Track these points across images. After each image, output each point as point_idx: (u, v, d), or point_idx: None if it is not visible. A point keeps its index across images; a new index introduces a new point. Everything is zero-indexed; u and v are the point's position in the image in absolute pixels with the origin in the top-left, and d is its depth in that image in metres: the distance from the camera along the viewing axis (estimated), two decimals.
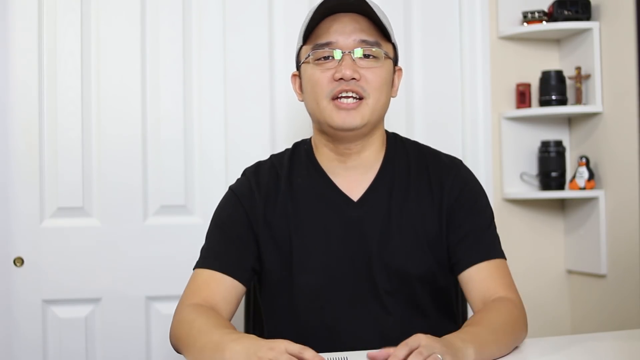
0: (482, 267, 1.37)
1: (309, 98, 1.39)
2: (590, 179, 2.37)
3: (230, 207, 1.44)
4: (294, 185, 1.42)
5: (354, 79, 1.32)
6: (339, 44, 1.34)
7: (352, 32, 1.34)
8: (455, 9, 2.42)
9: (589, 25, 2.36)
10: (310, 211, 1.40)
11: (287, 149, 1.51)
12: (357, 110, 1.34)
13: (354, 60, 1.33)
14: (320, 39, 1.35)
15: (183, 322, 1.29)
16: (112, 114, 2.19)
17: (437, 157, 1.48)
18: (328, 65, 1.34)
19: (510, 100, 2.49)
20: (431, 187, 1.42)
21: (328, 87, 1.34)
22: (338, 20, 1.34)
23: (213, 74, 2.25)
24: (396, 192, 1.40)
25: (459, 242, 1.39)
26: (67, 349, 2.15)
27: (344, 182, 1.42)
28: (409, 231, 1.38)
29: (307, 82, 1.38)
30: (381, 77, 1.35)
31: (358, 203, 1.40)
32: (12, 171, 2.14)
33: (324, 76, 1.34)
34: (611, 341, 1.43)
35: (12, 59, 2.14)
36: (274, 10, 2.30)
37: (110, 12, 2.20)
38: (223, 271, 1.36)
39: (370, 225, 1.38)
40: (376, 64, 1.35)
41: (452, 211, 1.40)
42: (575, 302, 2.52)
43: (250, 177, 1.45)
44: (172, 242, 2.21)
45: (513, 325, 1.28)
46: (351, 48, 1.34)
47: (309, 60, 1.36)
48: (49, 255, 2.15)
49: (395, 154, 1.45)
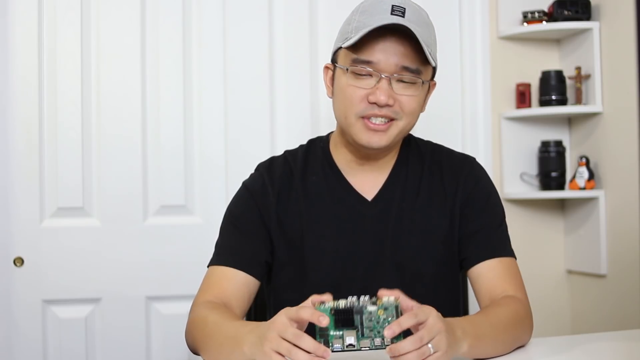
0: (493, 264, 1.37)
1: (339, 106, 1.36)
2: (590, 179, 2.37)
3: (243, 204, 1.43)
4: (308, 183, 1.42)
5: (388, 105, 1.30)
6: (380, 65, 1.29)
7: (395, 54, 1.29)
8: (455, 9, 2.42)
9: (589, 25, 2.36)
10: (323, 210, 1.40)
11: (301, 145, 1.50)
12: (386, 132, 1.32)
13: (391, 85, 1.30)
14: (362, 54, 1.30)
15: (196, 322, 1.28)
16: (112, 114, 2.19)
17: (450, 155, 1.48)
18: (364, 83, 1.31)
19: (510, 100, 2.49)
20: (444, 185, 1.42)
21: (360, 105, 1.31)
22: (384, 39, 1.29)
23: (213, 73, 2.25)
24: (409, 192, 1.41)
25: (470, 238, 1.39)
26: (67, 349, 2.15)
27: (358, 181, 1.42)
28: (422, 231, 1.39)
29: (339, 89, 1.35)
30: (416, 104, 1.34)
31: (372, 202, 1.40)
32: (12, 171, 2.13)
33: (357, 94, 1.31)
34: (611, 341, 1.43)
35: (12, 58, 2.14)
36: (274, 11, 2.30)
37: (110, 12, 2.19)
38: (236, 267, 1.35)
39: (383, 224, 1.39)
40: (412, 91, 1.32)
41: (464, 208, 1.41)
42: (575, 302, 2.52)
43: (264, 173, 1.44)
44: (172, 242, 2.21)
45: (515, 325, 1.28)
46: (391, 72, 1.29)
47: (348, 71, 1.32)
48: (49, 255, 2.14)
49: (409, 154, 1.45)
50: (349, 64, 1.32)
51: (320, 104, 2.29)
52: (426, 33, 1.32)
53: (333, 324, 1.05)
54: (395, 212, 1.39)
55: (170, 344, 2.20)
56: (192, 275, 2.06)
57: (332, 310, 1.05)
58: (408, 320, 1.02)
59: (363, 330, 1.05)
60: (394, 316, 1.04)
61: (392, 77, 1.30)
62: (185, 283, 2.17)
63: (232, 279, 1.35)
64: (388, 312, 1.05)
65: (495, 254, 1.37)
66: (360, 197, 1.41)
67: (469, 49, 2.42)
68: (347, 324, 1.05)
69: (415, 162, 1.44)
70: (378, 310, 1.05)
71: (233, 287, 1.35)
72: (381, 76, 1.29)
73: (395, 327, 1.01)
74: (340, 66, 1.34)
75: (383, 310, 1.05)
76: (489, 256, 1.37)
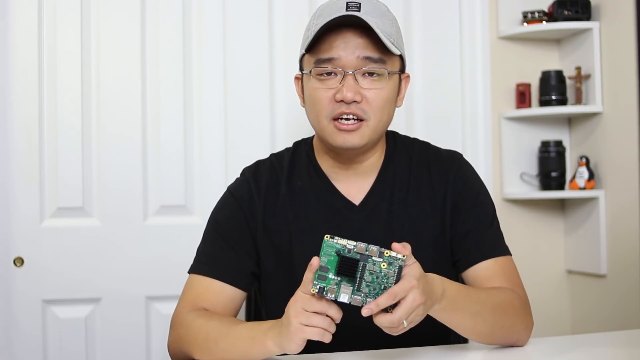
0: (488, 265, 1.35)
1: (310, 112, 1.36)
2: (590, 179, 2.37)
3: (228, 211, 1.41)
4: (295, 189, 1.40)
5: (355, 102, 1.29)
6: (341, 60, 1.29)
7: (355, 47, 1.29)
8: (455, 9, 2.42)
9: (589, 25, 2.36)
10: (311, 216, 1.38)
11: (287, 149, 1.49)
12: (357, 132, 1.31)
13: (357, 80, 1.29)
14: (322, 54, 1.30)
15: (191, 327, 1.27)
16: (112, 114, 2.19)
17: (437, 153, 1.46)
18: (330, 84, 1.30)
19: (510, 100, 2.49)
20: (432, 186, 1.41)
21: (329, 107, 1.30)
22: (342, 35, 1.29)
23: (213, 74, 2.25)
24: (397, 194, 1.39)
25: (462, 239, 1.38)
26: (67, 349, 2.15)
27: (345, 186, 1.40)
28: (412, 233, 1.37)
29: (308, 95, 1.35)
30: (383, 98, 1.31)
31: (360, 207, 1.39)
32: (12, 171, 2.13)
33: (325, 95, 1.30)
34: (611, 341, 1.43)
35: (12, 58, 2.14)
36: (274, 11, 2.30)
37: (110, 12, 2.19)
38: (222, 279, 1.34)
39: (372, 229, 1.37)
40: (379, 84, 1.31)
41: (455, 208, 1.39)
42: (575, 302, 2.52)
43: (250, 179, 1.42)
44: (172, 242, 2.21)
45: (506, 310, 1.27)
46: (354, 66, 1.29)
47: (311, 73, 1.32)
48: (49, 255, 2.14)
49: (395, 155, 1.43)
50: (313, 67, 1.31)
51: None
52: (385, 23, 1.31)
53: (335, 267, 1.06)
54: (384, 215, 1.38)
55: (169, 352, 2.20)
56: None
57: (339, 252, 1.06)
58: (386, 300, 1.04)
59: (360, 284, 1.06)
60: (395, 275, 1.06)
61: (356, 72, 1.29)
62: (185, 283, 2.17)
63: (218, 292, 1.34)
64: (391, 268, 1.06)
65: (489, 254, 1.36)
66: (347, 202, 1.39)
67: (469, 49, 2.42)
68: (348, 272, 1.06)
69: (402, 164, 1.42)
70: (382, 263, 1.06)
71: (220, 300, 1.33)
72: (345, 72, 1.29)
73: (372, 306, 1.04)
74: (306, 71, 1.34)
75: (387, 264, 1.06)
76: (483, 257, 1.36)
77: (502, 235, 1.42)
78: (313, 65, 1.31)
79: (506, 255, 1.39)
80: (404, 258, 1.06)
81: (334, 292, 1.06)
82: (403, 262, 1.06)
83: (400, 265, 1.06)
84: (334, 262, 1.06)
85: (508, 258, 1.39)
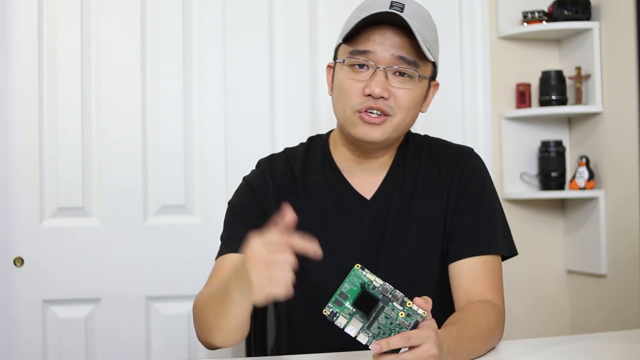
0: (475, 263, 1.35)
1: (337, 101, 1.38)
2: (590, 179, 2.37)
3: (244, 198, 1.44)
4: (309, 182, 1.43)
5: (382, 98, 1.31)
6: (376, 55, 1.31)
7: (391, 45, 1.31)
8: (455, 9, 2.42)
9: (589, 25, 2.36)
10: (323, 209, 1.40)
11: (301, 143, 1.51)
12: (381, 126, 1.33)
13: (387, 77, 1.31)
14: (359, 45, 1.32)
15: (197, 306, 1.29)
16: (112, 114, 2.19)
17: (448, 147, 1.48)
18: (360, 76, 1.32)
19: (510, 100, 2.49)
20: (441, 180, 1.42)
21: (356, 99, 1.32)
22: (381, 31, 1.31)
23: (213, 74, 2.25)
24: (406, 190, 1.41)
25: (457, 231, 1.38)
26: (67, 349, 2.15)
27: (358, 181, 1.42)
28: (420, 228, 1.39)
29: (337, 85, 1.37)
30: (411, 98, 1.34)
31: (371, 201, 1.41)
32: (12, 171, 2.13)
33: (354, 87, 1.32)
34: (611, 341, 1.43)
35: (12, 59, 2.14)
36: (274, 11, 2.30)
37: (110, 12, 2.19)
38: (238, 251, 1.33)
39: (382, 223, 1.39)
40: (409, 85, 1.33)
41: (458, 200, 1.40)
42: (575, 302, 2.52)
43: (265, 169, 1.45)
44: (172, 242, 2.21)
45: (491, 333, 1.28)
46: (387, 63, 1.31)
47: (344, 62, 1.34)
48: (49, 255, 2.15)
49: (407, 151, 1.45)
50: (347, 56, 1.34)
51: (320, 105, 2.29)
52: (424, 29, 1.33)
53: (355, 298, 1.05)
54: (393, 210, 1.40)
55: (170, 344, 2.20)
56: (192, 275, 2.08)
57: (364, 285, 1.05)
58: (398, 341, 1.02)
59: (372, 324, 1.05)
60: (409, 327, 1.04)
61: (388, 69, 1.31)
62: (185, 283, 2.17)
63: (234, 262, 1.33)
64: (407, 320, 1.04)
65: (479, 251, 1.36)
66: (359, 197, 1.41)
67: (469, 49, 2.42)
68: (365, 308, 1.04)
69: (412, 159, 1.44)
70: (401, 312, 1.04)
71: None
72: (377, 67, 1.31)
73: (383, 344, 1.02)
74: (339, 60, 1.36)
75: (405, 314, 1.04)
76: (472, 254, 1.36)
77: (502, 234, 1.42)
78: (347, 55, 1.34)
79: (497, 254, 1.38)
80: (423, 315, 1.04)
81: (344, 321, 1.05)
82: (421, 319, 1.04)
83: (417, 321, 1.04)
84: (355, 292, 1.05)
85: (497, 259, 1.38)
